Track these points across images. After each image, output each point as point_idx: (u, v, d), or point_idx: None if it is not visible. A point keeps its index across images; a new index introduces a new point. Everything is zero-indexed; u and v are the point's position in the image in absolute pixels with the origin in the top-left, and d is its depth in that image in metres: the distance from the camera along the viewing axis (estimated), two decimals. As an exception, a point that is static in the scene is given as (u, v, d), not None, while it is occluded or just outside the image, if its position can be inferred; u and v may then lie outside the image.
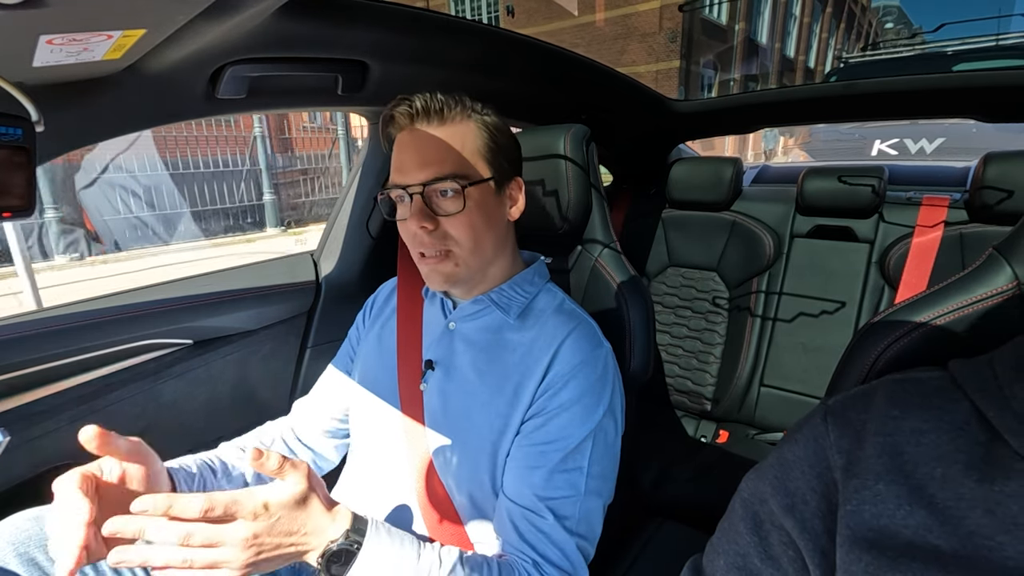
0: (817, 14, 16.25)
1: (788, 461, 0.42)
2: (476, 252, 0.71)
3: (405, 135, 0.70)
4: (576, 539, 0.66)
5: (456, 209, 0.68)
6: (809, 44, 16.21)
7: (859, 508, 0.37)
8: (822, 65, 16.96)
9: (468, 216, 0.68)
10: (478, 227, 0.70)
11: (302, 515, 0.54)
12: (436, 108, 0.68)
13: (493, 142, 0.71)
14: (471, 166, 0.69)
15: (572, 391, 0.68)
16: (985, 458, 0.35)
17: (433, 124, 0.68)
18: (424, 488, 0.73)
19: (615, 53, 11.25)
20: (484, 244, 0.71)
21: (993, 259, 0.50)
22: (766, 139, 11.23)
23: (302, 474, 0.55)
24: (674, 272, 1.83)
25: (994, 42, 3.31)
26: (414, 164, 0.68)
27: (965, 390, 0.38)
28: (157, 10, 0.50)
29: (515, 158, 0.77)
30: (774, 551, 0.41)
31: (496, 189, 0.72)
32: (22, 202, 0.54)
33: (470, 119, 0.70)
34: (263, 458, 0.53)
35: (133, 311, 1.00)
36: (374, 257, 1.31)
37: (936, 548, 0.34)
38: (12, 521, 0.67)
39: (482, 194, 0.70)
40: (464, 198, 0.67)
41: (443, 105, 0.68)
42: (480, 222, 0.70)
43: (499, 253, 0.76)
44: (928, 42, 3.30)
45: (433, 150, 0.68)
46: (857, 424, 0.40)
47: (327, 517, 0.56)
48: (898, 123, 3.49)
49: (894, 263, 1.48)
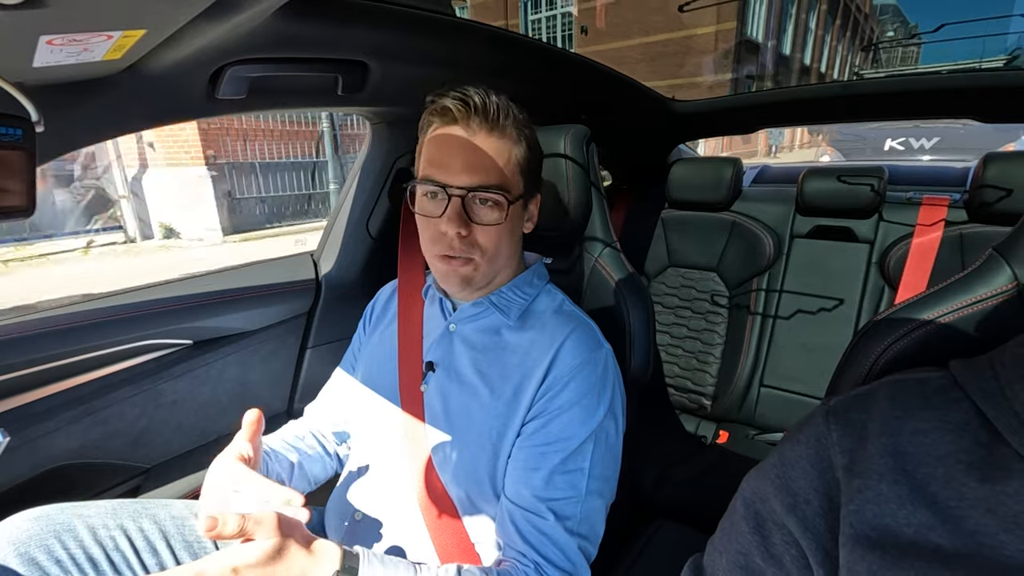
0: (828, 26, 18.63)
1: (790, 460, 0.42)
2: (494, 261, 0.72)
3: (453, 131, 0.67)
4: (577, 540, 0.66)
5: (493, 221, 0.68)
6: (822, 53, 18.48)
7: (862, 508, 0.37)
8: (832, 70, 18.91)
9: (498, 229, 0.68)
10: (503, 241, 0.71)
11: (281, 569, 0.52)
12: (494, 114, 0.66)
13: (528, 160, 0.71)
14: (511, 181, 0.69)
15: (572, 392, 0.68)
16: (986, 458, 0.35)
17: (485, 129, 0.66)
18: (424, 488, 0.73)
19: (674, 67, 12.71)
20: (502, 255, 0.72)
21: (993, 259, 0.50)
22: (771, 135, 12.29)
23: (270, 526, 0.53)
24: (674, 272, 1.83)
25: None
26: (461, 166, 0.66)
27: (966, 390, 0.38)
28: (157, 10, 0.50)
29: (540, 175, 0.77)
30: (776, 550, 0.41)
31: (523, 205, 0.73)
32: (22, 202, 0.54)
33: (517, 131, 0.70)
34: (220, 525, 0.50)
35: (133, 311, 1.00)
36: (374, 257, 1.31)
37: (938, 547, 0.34)
38: (12, 521, 0.67)
39: (515, 210, 0.70)
40: (506, 212, 0.67)
41: (499, 112, 0.66)
42: (506, 237, 0.71)
43: (510, 262, 0.77)
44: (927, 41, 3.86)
45: (484, 156, 0.66)
46: (859, 424, 0.40)
47: (311, 560, 0.54)
48: (903, 124, 4.54)
49: (894, 263, 1.48)
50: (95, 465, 0.97)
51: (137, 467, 1.03)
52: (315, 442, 0.88)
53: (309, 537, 0.56)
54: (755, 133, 13.25)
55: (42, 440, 0.89)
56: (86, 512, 0.72)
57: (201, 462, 1.08)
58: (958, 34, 3.40)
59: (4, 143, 0.51)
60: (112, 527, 0.72)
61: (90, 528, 0.70)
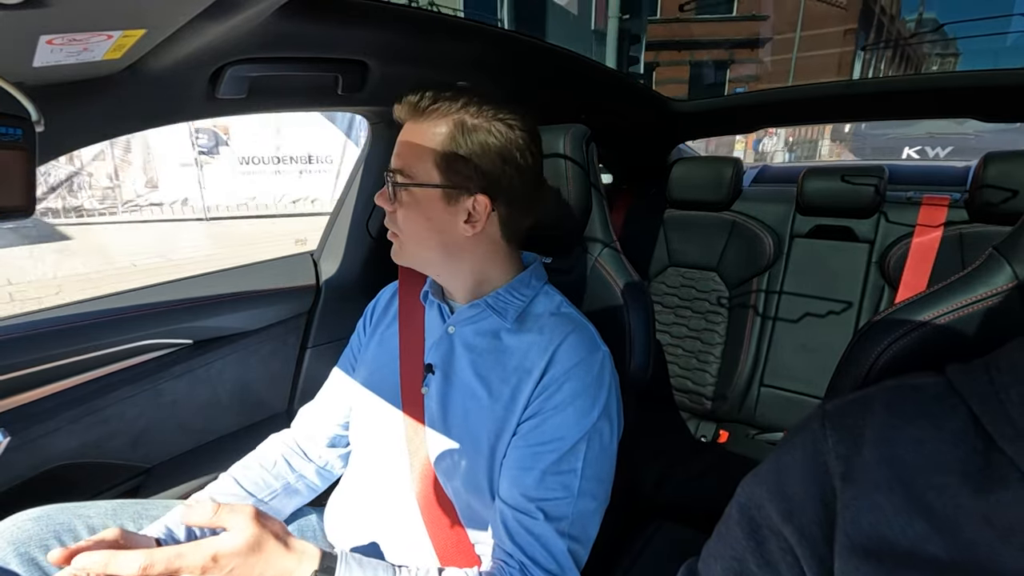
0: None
1: (786, 466, 0.42)
2: (418, 247, 0.73)
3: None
4: (567, 541, 0.65)
5: (394, 201, 0.71)
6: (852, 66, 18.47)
7: (858, 517, 0.37)
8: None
9: (405, 211, 0.71)
10: (417, 225, 0.71)
11: (259, 562, 0.52)
12: (414, 102, 0.69)
13: (455, 150, 0.67)
14: (420, 167, 0.68)
15: (567, 392, 0.68)
16: (983, 467, 0.35)
17: (412, 118, 0.70)
18: (423, 490, 0.73)
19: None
20: (424, 244, 0.72)
21: (993, 259, 0.50)
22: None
23: (247, 516, 0.53)
24: (674, 272, 1.83)
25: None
26: (394, 150, 0.72)
27: (963, 396, 0.38)
28: (157, 10, 0.51)
29: (488, 174, 0.68)
30: (772, 557, 0.41)
31: (445, 198, 0.68)
32: (22, 202, 0.54)
33: (447, 120, 0.68)
34: (193, 510, 0.51)
35: (133, 311, 1.00)
36: (374, 257, 1.31)
37: (935, 557, 0.34)
38: (12, 521, 0.67)
39: (426, 197, 0.68)
40: (397, 194, 0.70)
41: (422, 100, 0.68)
42: (420, 222, 0.70)
43: (460, 259, 0.73)
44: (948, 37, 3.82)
45: (400, 143, 0.71)
46: (855, 431, 0.40)
47: (290, 558, 0.54)
48: (917, 134, 4.72)
49: (894, 263, 1.48)
50: (95, 465, 0.97)
51: (137, 467, 1.03)
52: (285, 469, 0.85)
53: (288, 537, 0.56)
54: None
55: (42, 440, 0.89)
56: (86, 512, 0.72)
57: (201, 462, 1.08)
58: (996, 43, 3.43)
59: (4, 143, 0.51)
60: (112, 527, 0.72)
61: (90, 528, 0.70)
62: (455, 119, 0.68)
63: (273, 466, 0.84)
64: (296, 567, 0.54)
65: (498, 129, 0.68)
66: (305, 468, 0.87)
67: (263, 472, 0.83)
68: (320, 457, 0.88)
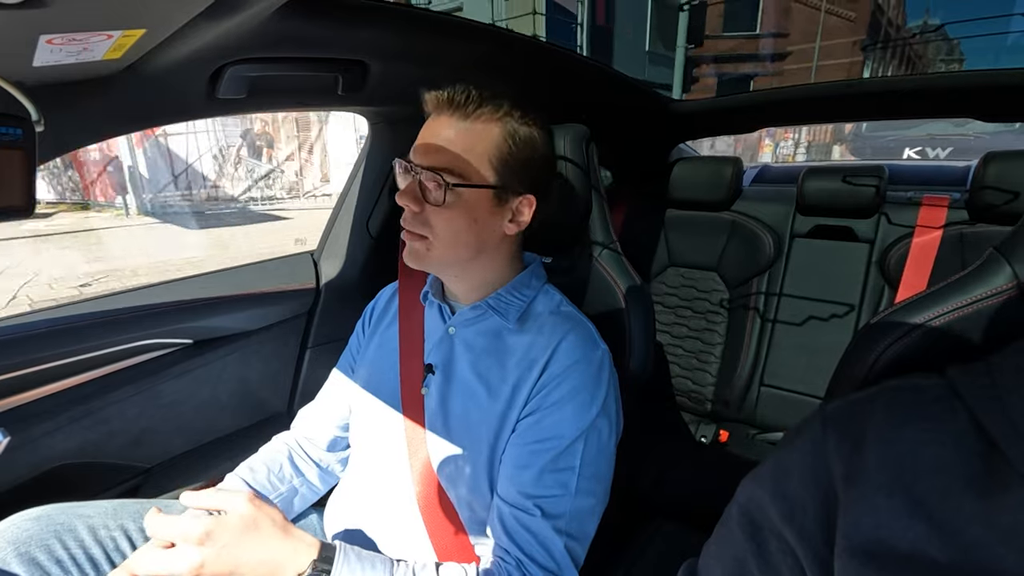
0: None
1: (786, 467, 0.42)
2: (451, 248, 0.71)
3: (431, 120, 0.71)
4: (565, 539, 0.65)
5: (439, 202, 0.68)
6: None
7: (858, 519, 0.37)
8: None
9: (449, 212, 0.68)
10: (458, 226, 0.69)
11: (252, 541, 0.53)
12: (460, 102, 0.68)
13: (510, 152, 0.70)
14: (473, 168, 0.68)
15: (565, 389, 0.68)
16: (983, 470, 0.35)
17: (455, 117, 0.69)
18: (423, 491, 0.73)
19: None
20: (462, 244, 0.71)
21: (993, 259, 0.50)
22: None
23: (243, 498, 0.55)
24: (674, 272, 1.83)
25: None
26: (424, 148, 0.69)
27: (964, 399, 0.38)
28: (157, 10, 0.50)
29: (536, 177, 0.73)
30: (772, 558, 0.41)
31: (496, 198, 0.70)
32: (22, 202, 0.54)
33: (497, 123, 0.69)
34: (196, 495, 0.54)
35: (133, 311, 1.00)
36: (374, 257, 1.31)
37: (935, 561, 0.34)
38: (12, 521, 0.67)
39: (476, 198, 0.69)
40: (446, 194, 0.67)
41: (469, 101, 0.68)
42: (462, 223, 0.69)
43: (483, 259, 0.74)
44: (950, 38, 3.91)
45: (443, 141, 0.68)
46: (856, 432, 0.40)
47: (287, 544, 0.55)
48: (918, 135, 4.56)
49: (894, 263, 1.48)
50: (95, 465, 0.97)
51: (137, 467, 1.03)
52: (290, 471, 0.85)
53: (287, 523, 0.57)
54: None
55: (42, 440, 0.89)
56: (86, 512, 0.72)
57: (201, 462, 1.08)
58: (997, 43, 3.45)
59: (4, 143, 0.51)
60: (113, 527, 0.72)
61: (91, 528, 0.70)
62: (504, 121, 0.69)
63: (279, 469, 0.85)
64: (292, 555, 0.54)
65: (536, 130, 0.73)
66: (308, 470, 0.87)
67: (270, 474, 0.83)
68: (321, 459, 0.88)
